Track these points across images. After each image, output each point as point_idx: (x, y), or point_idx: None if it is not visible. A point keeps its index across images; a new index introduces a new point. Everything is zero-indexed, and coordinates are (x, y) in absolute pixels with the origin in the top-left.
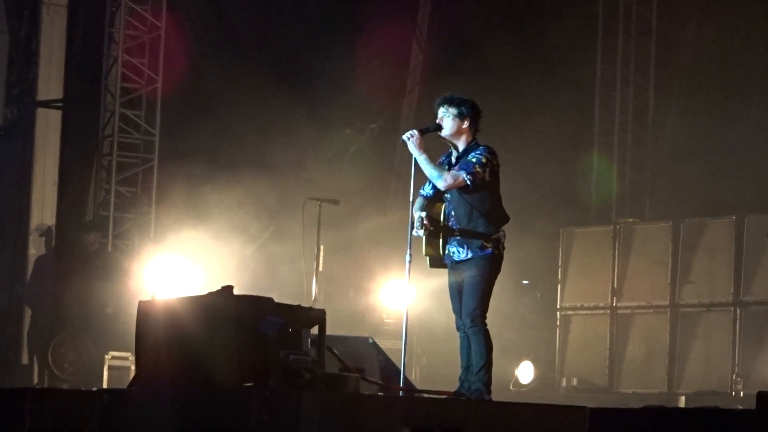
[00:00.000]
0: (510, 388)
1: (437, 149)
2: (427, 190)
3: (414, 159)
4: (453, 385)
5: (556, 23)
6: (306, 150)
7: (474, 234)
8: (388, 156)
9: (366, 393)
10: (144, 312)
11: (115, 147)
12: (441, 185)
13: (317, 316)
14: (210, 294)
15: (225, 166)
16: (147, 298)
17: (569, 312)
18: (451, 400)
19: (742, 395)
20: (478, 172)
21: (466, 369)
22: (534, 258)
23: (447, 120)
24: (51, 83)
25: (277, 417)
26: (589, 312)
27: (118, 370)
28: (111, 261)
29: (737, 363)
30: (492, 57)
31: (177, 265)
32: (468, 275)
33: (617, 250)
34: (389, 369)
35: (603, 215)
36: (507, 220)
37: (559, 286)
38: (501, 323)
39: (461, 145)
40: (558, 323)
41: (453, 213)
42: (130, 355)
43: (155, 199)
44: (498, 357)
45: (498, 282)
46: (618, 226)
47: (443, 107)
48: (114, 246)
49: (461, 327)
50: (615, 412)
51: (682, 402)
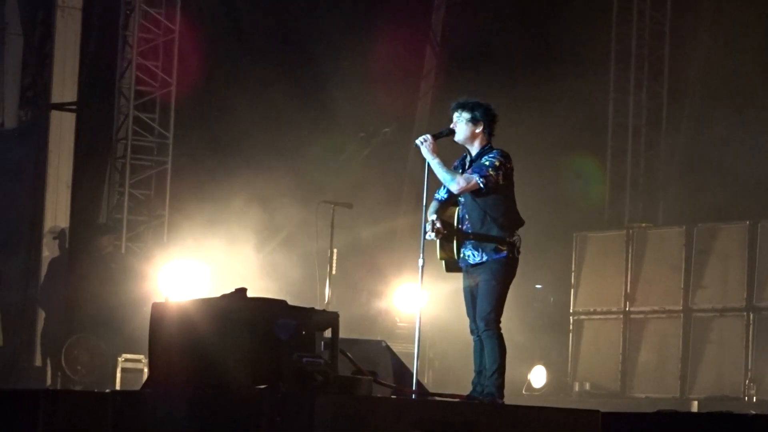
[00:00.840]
0: (523, 392)
1: (453, 154)
2: (442, 193)
3: (427, 163)
4: (466, 389)
5: (569, 28)
6: (319, 153)
7: (488, 237)
8: (401, 160)
9: (379, 396)
10: (157, 314)
11: (129, 150)
12: (454, 188)
13: (330, 319)
14: (223, 297)
15: (238, 169)
16: (161, 300)
17: (582, 316)
18: (464, 403)
19: (755, 400)
20: (491, 175)
21: (478, 373)
22: (547, 262)
23: (460, 125)
24: (65, 86)
25: (290, 420)
26: (602, 316)
27: (131, 372)
28: (124, 264)
29: (750, 368)
30: (505, 61)
31: (190, 268)
32: (483, 279)
33: (630, 254)
34: (402, 372)
35: (616, 220)
36: (521, 224)
37: (572, 290)
38: (514, 327)
39: (475, 150)
40: (571, 328)
41: (467, 217)
42: (143, 358)
43: (169, 202)
44: (511, 361)
45: (511, 286)
46: (631, 230)
47: (457, 112)
48: (127, 249)
49: (475, 331)
50: (628, 416)
51: (694, 407)
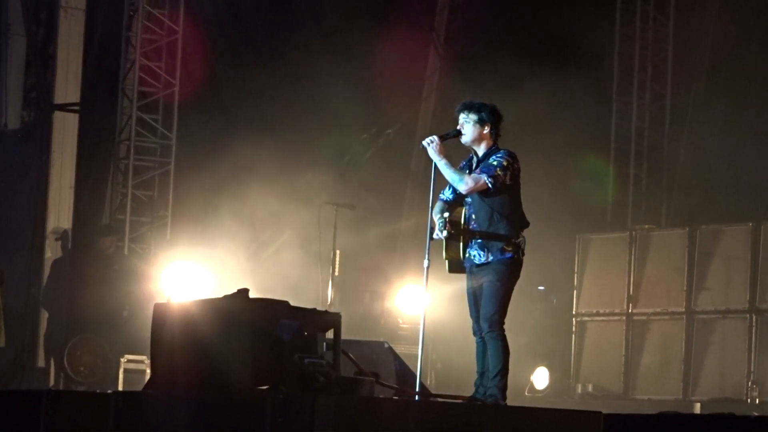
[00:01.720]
0: (525, 393)
1: (459, 155)
2: (447, 194)
3: (434, 165)
4: (468, 391)
5: (573, 30)
6: (322, 154)
7: (495, 237)
8: (404, 161)
9: (381, 397)
10: (159, 315)
11: (132, 151)
12: (462, 188)
13: (332, 319)
14: (225, 297)
15: (241, 170)
16: (163, 301)
17: (585, 318)
18: (467, 405)
19: (757, 402)
20: (499, 175)
21: (481, 375)
22: (550, 264)
23: (468, 126)
24: (68, 87)
25: (292, 420)
26: (605, 318)
27: (133, 373)
28: (127, 265)
29: (753, 370)
30: (508, 63)
31: (193, 269)
32: (487, 280)
33: (633, 256)
34: (405, 374)
35: (619, 222)
36: (527, 225)
37: (575, 292)
38: (516, 329)
39: (482, 151)
40: (573, 329)
41: (474, 216)
42: (145, 359)
43: (171, 203)
44: (513, 363)
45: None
46: (634, 232)
47: (464, 113)
48: (130, 250)
49: (478, 332)
50: (630, 417)
51: (697, 409)
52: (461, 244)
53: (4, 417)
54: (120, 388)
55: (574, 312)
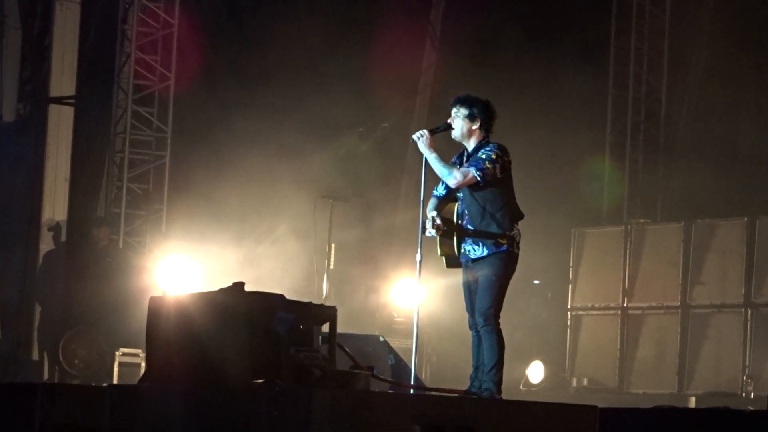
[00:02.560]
0: (520, 387)
1: (452, 149)
2: (440, 190)
3: (425, 159)
4: (463, 385)
5: (569, 24)
6: (318, 148)
7: (487, 233)
8: (399, 155)
9: (376, 391)
10: (155, 308)
11: (128, 144)
12: (451, 182)
13: (328, 313)
14: (221, 290)
15: (236, 163)
16: (158, 294)
17: (580, 312)
18: (463, 398)
19: (752, 396)
20: (488, 168)
21: (476, 368)
22: (545, 258)
23: (457, 121)
24: (64, 79)
25: (288, 414)
26: (600, 312)
27: (128, 366)
28: (122, 258)
29: (748, 364)
30: (505, 57)
31: (188, 262)
32: (482, 274)
33: (628, 250)
34: (400, 367)
35: (614, 216)
36: (521, 217)
37: (570, 286)
38: (512, 323)
39: (471, 146)
40: (569, 323)
41: (466, 212)
42: (140, 352)
43: (167, 196)
44: (508, 357)
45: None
46: (629, 226)
47: (455, 107)
48: (125, 243)
49: (473, 326)
50: (625, 411)
51: (692, 403)
52: (455, 239)
53: None
54: (115, 381)
55: (569, 306)
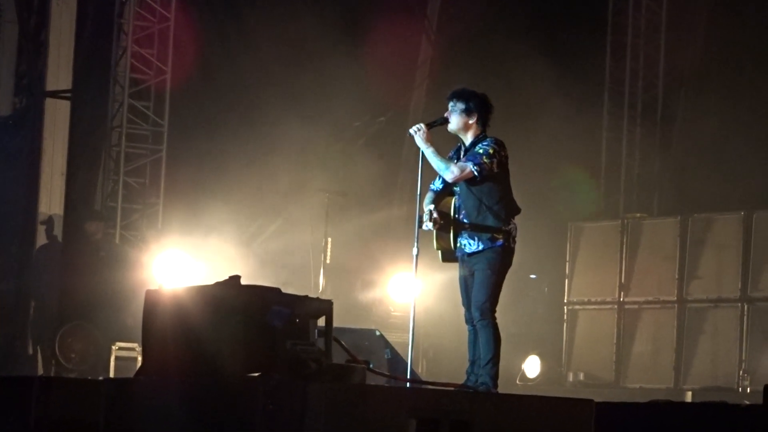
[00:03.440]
0: (517, 382)
1: (448, 143)
2: (437, 184)
3: (421, 153)
4: (459, 379)
5: (566, 18)
6: (314, 142)
7: (484, 227)
8: (396, 149)
9: (372, 384)
10: (151, 301)
11: (124, 138)
12: (448, 177)
13: (324, 306)
14: (217, 284)
15: (233, 157)
16: (154, 288)
17: (576, 306)
18: (459, 392)
19: (749, 391)
20: (485, 163)
21: (472, 363)
22: (541, 252)
23: (454, 115)
24: (60, 73)
25: (283, 407)
26: (597, 307)
27: (125, 360)
28: (115, 252)
29: (744, 359)
30: (500, 51)
31: (184, 256)
32: (478, 268)
33: (625, 245)
34: (396, 361)
35: (611, 210)
36: (518, 211)
37: (567, 280)
38: (508, 317)
39: (468, 140)
40: (565, 318)
41: (462, 206)
42: (136, 346)
43: (163, 190)
44: (505, 351)
45: (506, 276)
46: (626, 221)
47: (452, 101)
48: (122, 237)
49: (469, 320)
50: (622, 406)
51: (688, 397)
52: (451, 234)
53: None
54: (112, 375)
55: (565, 300)
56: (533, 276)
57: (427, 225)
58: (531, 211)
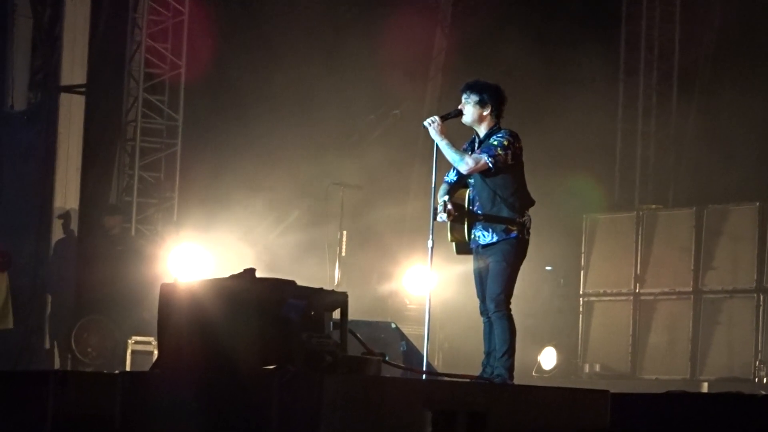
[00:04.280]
0: (532, 373)
1: (463, 136)
2: (452, 176)
3: (436, 145)
4: (475, 371)
5: (580, 9)
6: (329, 135)
7: (498, 218)
8: (411, 141)
9: (388, 376)
10: (166, 295)
11: (139, 132)
12: (463, 169)
13: (339, 299)
14: (232, 277)
15: (248, 151)
16: (169, 282)
17: (592, 298)
18: (475, 384)
19: (765, 381)
20: (499, 155)
21: (488, 355)
22: (557, 244)
23: (468, 107)
24: (74, 68)
25: (299, 400)
26: (612, 298)
27: (141, 354)
28: (133, 246)
29: (760, 349)
30: (515, 43)
31: (200, 250)
32: (493, 260)
33: (640, 236)
34: (412, 354)
35: (626, 201)
36: (532, 203)
37: (582, 272)
38: (524, 309)
39: (483, 132)
40: (581, 309)
41: (477, 198)
42: (153, 340)
43: (178, 185)
44: (520, 343)
45: (521, 268)
46: (641, 212)
47: (465, 93)
48: (137, 231)
49: (485, 312)
50: (637, 397)
51: (704, 388)
52: (466, 225)
53: (12, 398)
54: (128, 369)
55: (581, 292)
56: (549, 268)
57: (442, 217)
58: (546, 203)
